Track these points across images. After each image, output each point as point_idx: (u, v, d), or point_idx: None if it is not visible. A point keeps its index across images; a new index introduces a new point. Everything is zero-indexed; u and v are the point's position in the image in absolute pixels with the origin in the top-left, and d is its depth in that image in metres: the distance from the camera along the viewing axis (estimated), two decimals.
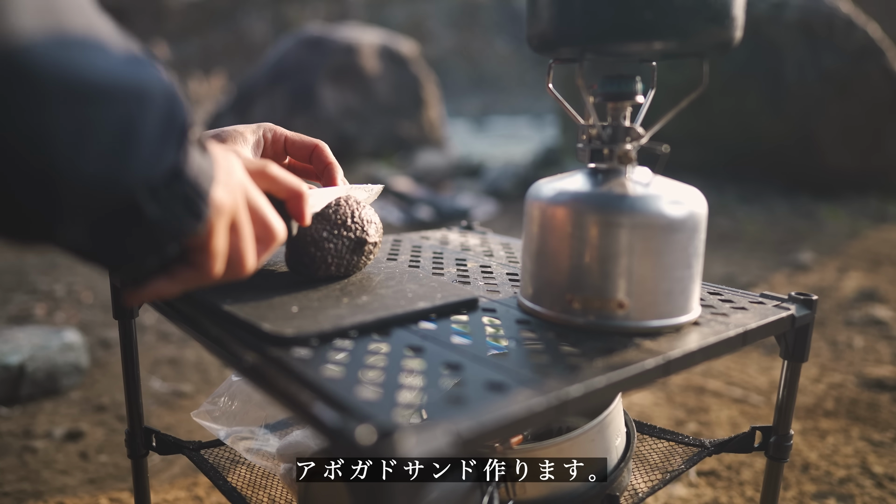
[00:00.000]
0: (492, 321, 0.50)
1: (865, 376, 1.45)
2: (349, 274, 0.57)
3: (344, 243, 0.55)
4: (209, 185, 0.38)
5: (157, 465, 1.11)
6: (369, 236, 0.57)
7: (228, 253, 0.43)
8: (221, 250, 0.41)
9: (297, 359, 0.41)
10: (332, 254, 0.55)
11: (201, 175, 0.38)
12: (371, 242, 0.57)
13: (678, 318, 0.49)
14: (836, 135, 3.41)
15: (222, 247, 0.41)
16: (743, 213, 3.25)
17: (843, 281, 2.18)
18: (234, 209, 0.42)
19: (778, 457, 0.62)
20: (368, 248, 0.57)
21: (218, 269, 0.42)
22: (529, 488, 0.53)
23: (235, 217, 0.42)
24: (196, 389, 1.41)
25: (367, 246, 0.57)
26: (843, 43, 3.38)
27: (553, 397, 0.37)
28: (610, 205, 0.47)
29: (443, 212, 3.35)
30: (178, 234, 0.37)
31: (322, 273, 0.55)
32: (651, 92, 0.54)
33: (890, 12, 4.64)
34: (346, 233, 0.55)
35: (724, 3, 0.45)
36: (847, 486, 1.05)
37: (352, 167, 4.68)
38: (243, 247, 0.43)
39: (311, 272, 0.55)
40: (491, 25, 15.04)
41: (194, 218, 0.38)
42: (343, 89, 4.99)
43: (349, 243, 0.55)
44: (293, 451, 0.62)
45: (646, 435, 0.74)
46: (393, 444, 0.29)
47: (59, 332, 1.44)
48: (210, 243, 0.40)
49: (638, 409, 1.31)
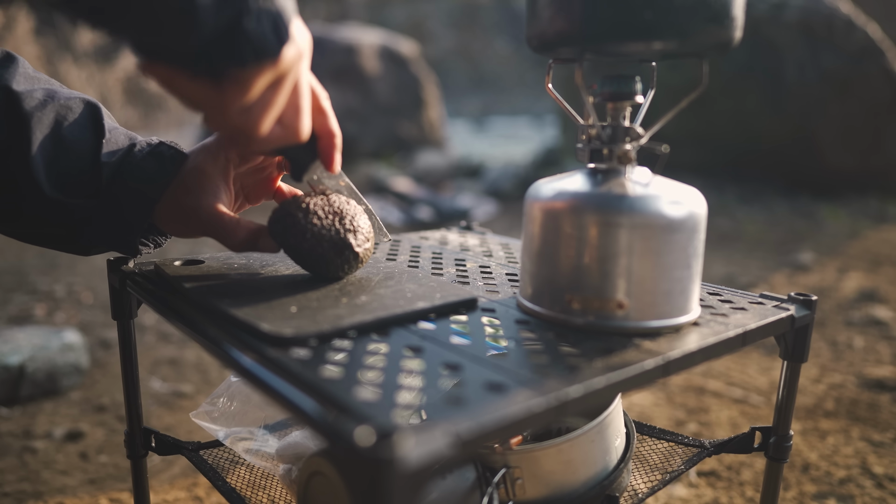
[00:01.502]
0: (491, 321, 0.50)
1: (865, 377, 1.45)
2: (325, 271, 0.55)
3: (330, 232, 0.53)
4: (291, 18, 0.42)
5: (157, 466, 1.10)
6: (356, 243, 0.54)
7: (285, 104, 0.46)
8: (286, 89, 0.44)
9: (296, 359, 0.41)
10: (314, 230, 0.53)
11: (285, 8, 0.41)
12: (355, 249, 0.54)
13: (678, 319, 0.49)
14: (836, 135, 3.41)
15: (286, 88, 0.44)
16: (743, 213, 3.25)
17: (844, 281, 2.18)
18: (300, 59, 0.45)
19: (778, 457, 0.62)
20: (349, 253, 0.54)
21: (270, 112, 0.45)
22: (529, 489, 0.53)
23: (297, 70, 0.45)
24: (196, 390, 1.41)
25: (348, 251, 0.54)
26: (843, 43, 3.38)
27: (552, 398, 0.37)
28: (609, 205, 0.47)
29: (443, 212, 3.34)
30: (262, 50, 0.40)
31: (293, 242, 0.53)
32: (651, 92, 0.54)
33: (890, 13, 4.64)
34: (338, 224, 0.54)
35: (723, 2, 0.45)
36: (847, 486, 1.05)
37: (352, 167, 4.68)
38: (300, 103, 0.47)
39: (284, 238, 0.53)
40: (491, 26, 15.04)
41: (277, 40, 0.41)
42: (343, 89, 4.99)
43: (335, 234, 0.53)
44: (292, 452, 0.62)
45: (646, 435, 0.74)
46: (392, 446, 0.29)
47: (59, 333, 1.44)
48: (284, 78, 0.44)
49: (638, 410, 1.31)
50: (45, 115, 0.52)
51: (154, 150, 0.57)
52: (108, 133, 0.55)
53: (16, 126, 0.51)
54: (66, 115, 0.54)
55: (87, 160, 0.54)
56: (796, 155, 3.47)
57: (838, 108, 3.38)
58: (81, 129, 0.54)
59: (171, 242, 0.62)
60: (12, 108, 0.51)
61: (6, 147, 0.51)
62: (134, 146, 0.57)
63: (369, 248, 0.56)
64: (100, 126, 0.55)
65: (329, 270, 0.55)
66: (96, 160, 0.54)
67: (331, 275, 0.55)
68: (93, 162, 0.54)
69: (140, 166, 0.56)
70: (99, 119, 0.56)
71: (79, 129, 0.54)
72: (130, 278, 0.60)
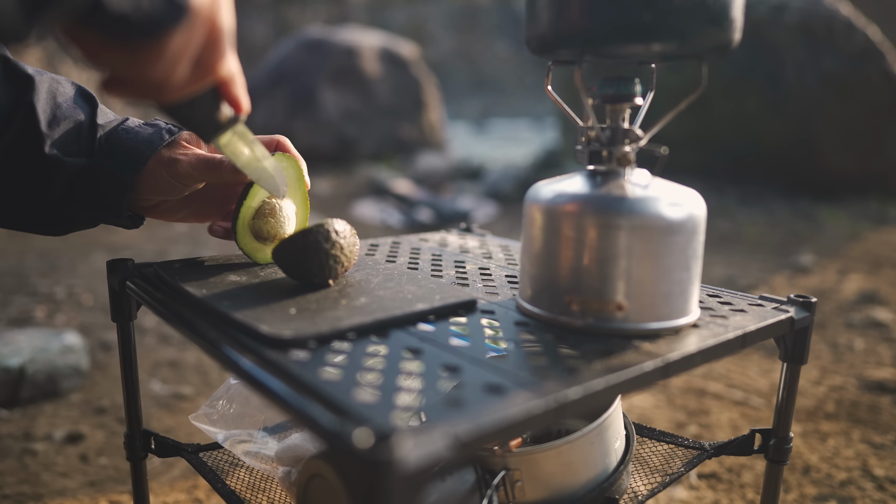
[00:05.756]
0: (490, 323, 0.50)
1: (866, 379, 1.45)
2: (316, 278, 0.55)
3: None
4: None
5: (157, 468, 1.10)
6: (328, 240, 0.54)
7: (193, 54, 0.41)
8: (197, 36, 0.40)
9: (295, 361, 0.41)
10: None
11: None
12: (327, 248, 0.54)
13: (677, 321, 0.48)
14: (836, 137, 3.41)
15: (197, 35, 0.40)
16: (743, 215, 3.25)
17: (844, 283, 2.18)
18: (213, 3, 0.40)
19: (778, 459, 0.62)
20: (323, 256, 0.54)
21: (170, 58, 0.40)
22: (529, 491, 0.53)
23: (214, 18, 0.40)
24: (196, 392, 1.41)
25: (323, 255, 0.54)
26: (843, 45, 3.38)
27: (551, 399, 0.36)
28: (608, 207, 0.47)
29: (443, 214, 3.35)
30: (167, 18, 0.37)
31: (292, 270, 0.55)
32: (650, 94, 0.54)
33: (890, 15, 4.64)
34: (317, 233, 0.54)
35: (722, 5, 0.45)
36: (848, 488, 1.04)
37: (352, 169, 4.69)
38: (219, 41, 0.42)
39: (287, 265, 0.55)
40: (491, 28, 15.06)
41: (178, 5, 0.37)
42: (343, 92, 5.00)
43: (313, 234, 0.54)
44: (292, 455, 0.62)
45: (646, 437, 0.74)
46: (390, 447, 0.29)
47: (59, 335, 1.44)
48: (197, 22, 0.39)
49: (639, 412, 1.30)
50: (42, 80, 0.56)
51: (150, 122, 0.61)
52: (100, 105, 0.60)
53: (20, 85, 0.54)
54: (58, 87, 0.57)
55: (85, 123, 0.58)
56: (797, 157, 3.48)
57: (838, 109, 3.38)
58: (75, 98, 0.58)
59: (171, 244, 0.62)
60: (14, 71, 0.54)
61: (13, 104, 0.54)
62: (127, 119, 0.61)
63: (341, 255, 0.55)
64: (91, 98, 0.59)
65: (318, 276, 0.55)
66: (92, 122, 0.58)
67: (322, 276, 0.55)
68: (89, 125, 0.58)
69: (136, 131, 0.59)
70: (90, 94, 0.60)
71: (72, 97, 0.58)
72: (130, 280, 0.60)
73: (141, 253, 2.58)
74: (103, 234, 2.86)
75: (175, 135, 0.60)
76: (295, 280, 0.56)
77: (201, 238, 2.86)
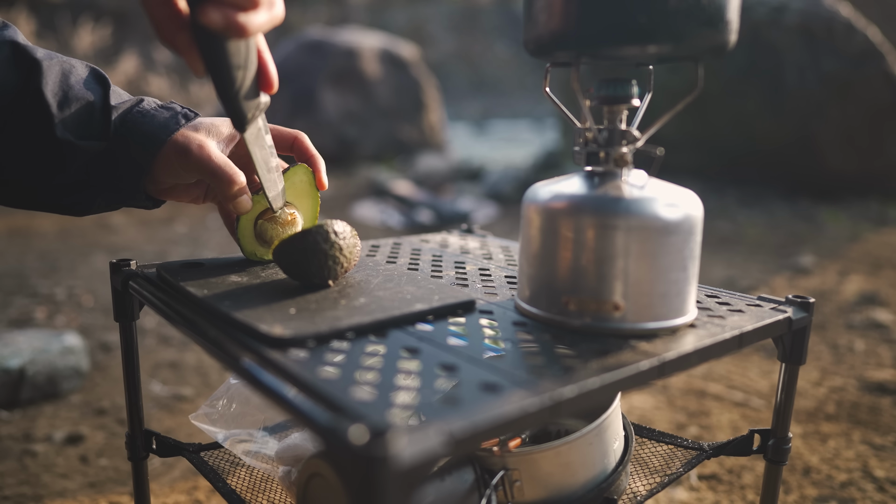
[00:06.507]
0: (489, 323, 0.50)
1: (866, 380, 1.45)
2: (315, 278, 0.55)
3: None
4: None
5: (158, 469, 1.11)
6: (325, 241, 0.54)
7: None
8: None
9: (294, 360, 0.41)
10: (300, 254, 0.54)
11: None
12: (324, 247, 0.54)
13: (674, 321, 0.49)
14: (836, 138, 3.41)
15: None
16: (743, 216, 3.25)
17: (844, 284, 2.18)
18: None
19: (777, 460, 0.62)
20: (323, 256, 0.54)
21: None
22: (527, 491, 0.53)
23: None
24: (196, 393, 1.41)
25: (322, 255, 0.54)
26: (843, 46, 3.39)
27: (547, 398, 0.37)
28: (606, 207, 0.47)
29: (443, 215, 3.35)
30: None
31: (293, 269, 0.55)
32: (648, 95, 0.54)
33: (890, 16, 4.64)
34: (318, 231, 0.54)
35: (718, 7, 0.45)
36: (848, 489, 1.04)
37: (352, 171, 4.69)
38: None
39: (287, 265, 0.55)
40: (491, 29, 15.07)
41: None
42: (344, 93, 5.00)
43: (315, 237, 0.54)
44: (292, 454, 0.62)
45: (645, 438, 0.74)
46: (385, 444, 0.30)
47: (59, 336, 1.44)
48: None
49: (639, 413, 1.30)
50: (52, 64, 0.55)
51: (165, 105, 0.60)
52: (112, 87, 0.58)
53: (27, 70, 0.54)
54: (70, 70, 0.57)
55: (97, 105, 0.57)
56: (797, 158, 3.48)
57: (838, 111, 3.38)
58: (87, 80, 0.57)
59: (171, 245, 0.62)
60: (22, 56, 0.54)
61: (21, 88, 0.54)
62: (143, 100, 0.60)
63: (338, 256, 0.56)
64: (104, 80, 0.58)
65: (317, 276, 0.55)
66: (105, 103, 0.57)
67: (321, 275, 0.55)
68: (102, 107, 0.57)
69: (152, 114, 0.58)
70: (103, 76, 0.59)
71: (84, 80, 0.57)
72: (133, 280, 0.60)
73: (141, 254, 2.59)
74: (103, 235, 2.87)
75: (192, 120, 0.59)
76: (295, 280, 0.56)
77: (201, 239, 2.86)
